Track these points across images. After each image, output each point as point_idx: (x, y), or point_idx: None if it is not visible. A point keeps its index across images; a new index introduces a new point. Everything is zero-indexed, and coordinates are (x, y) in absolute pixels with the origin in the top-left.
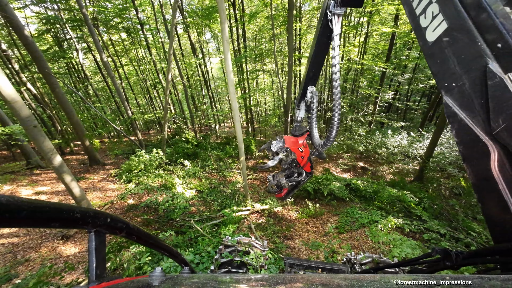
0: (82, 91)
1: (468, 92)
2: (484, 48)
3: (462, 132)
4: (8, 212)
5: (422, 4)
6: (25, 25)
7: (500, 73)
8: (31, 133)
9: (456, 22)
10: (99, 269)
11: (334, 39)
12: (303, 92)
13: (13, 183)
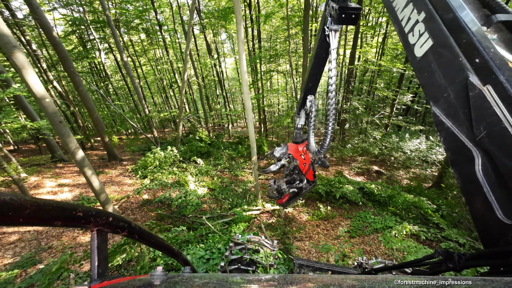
0: (103, 89)
1: (453, 102)
2: (465, 63)
3: (449, 139)
4: (12, 211)
5: (410, 23)
6: (54, 27)
7: (480, 85)
8: (57, 128)
9: (440, 40)
10: (101, 268)
11: (331, 53)
12: (303, 101)
13: (39, 175)
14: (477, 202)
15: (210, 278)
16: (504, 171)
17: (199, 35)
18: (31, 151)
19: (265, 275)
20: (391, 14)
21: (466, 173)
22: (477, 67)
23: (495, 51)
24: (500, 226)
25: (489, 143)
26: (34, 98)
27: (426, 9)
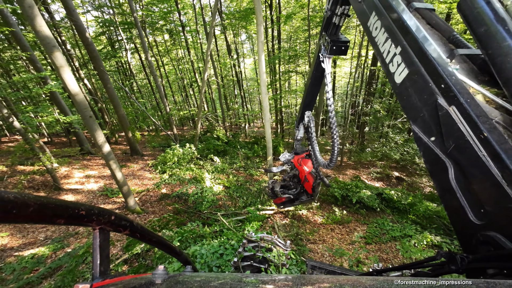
0: (128, 87)
1: (427, 121)
2: (434, 88)
3: (427, 153)
4: (16, 208)
5: (390, 56)
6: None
7: (446, 106)
8: (87, 122)
9: (414, 69)
10: (103, 266)
11: (326, 77)
12: (301, 116)
13: (69, 165)
14: (453, 207)
15: (211, 277)
16: (470, 177)
17: (220, 35)
18: (62, 143)
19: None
20: (375, 48)
21: (442, 182)
22: (443, 91)
23: (456, 78)
24: (472, 227)
25: (457, 154)
26: (69, 94)
27: (401, 44)
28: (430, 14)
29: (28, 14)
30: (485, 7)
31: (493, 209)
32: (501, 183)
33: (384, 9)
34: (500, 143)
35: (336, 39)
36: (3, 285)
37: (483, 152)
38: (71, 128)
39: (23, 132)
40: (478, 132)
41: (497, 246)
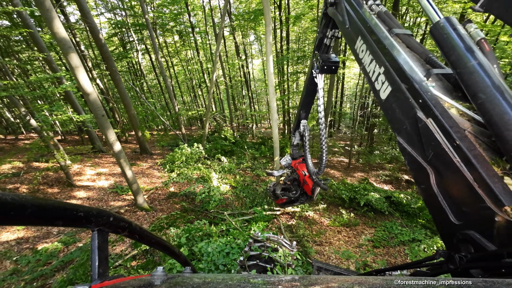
0: (139, 87)
1: (410, 132)
2: (413, 103)
3: (411, 161)
4: (13, 210)
5: (375, 75)
6: (100, 30)
7: (424, 118)
8: (100, 121)
9: (396, 87)
10: (101, 268)
11: (318, 91)
12: (297, 124)
13: (81, 163)
14: (436, 210)
15: (210, 278)
16: (448, 181)
17: (229, 36)
18: (75, 141)
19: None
20: (362, 68)
21: (426, 187)
22: (421, 105)
23: (432, 94)
24: (453, 227)
25: (436, 162)
26: (83, 93)
27: (384, 65)
28: (409, 39)
29: (47, 17)
30: (452, 33)
31: (468, 210)
32: (473, 185)
33: (368, 34)
34: (470, 150)
35: (326, 60)
36: (19, 276)
37: (457, 158)
38: (84, 126)
39: (39, 130)
40: (451, 140)
41: (475, 244)
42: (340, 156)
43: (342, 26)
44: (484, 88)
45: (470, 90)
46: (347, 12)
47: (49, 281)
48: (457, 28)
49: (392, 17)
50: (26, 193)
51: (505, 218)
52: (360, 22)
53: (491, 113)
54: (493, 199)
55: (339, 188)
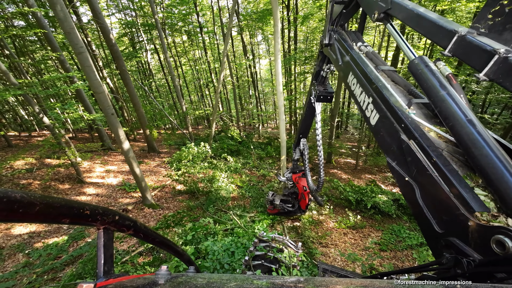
0: (147, 87)
1: (396, 153)
2: (397, 127)
3: (399, 178)
4: (22, 208)
5: (365, 104)
6: (111, 30)
7: (407, 140)
8: (109, 119)
9: (382, 114)
10: (106, 266)
11: (316, 116)
12: (297, 141)
13: (91, 160)
14: (423, 221)
15: (214, 278)
16: (430, 194)
17: (236, 36)
18: (85, 139)
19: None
20: (354, 98)
21: (413, 201)
22: (403, 129)
23: (412, 119)
24: (437, 235)
25: (419, 177)
26: (94, 92)
27: (372, 96)
28: (393, 74)
29: (60, 17)
30: (425, 68)
31: (448, 218)
32: (449, 196)
33: (358, 70)
34: (446, 165)
35: (322, 91)
36: (31, 269)
37: (435, 173)
38: (94, 125)
39: (51, 128)
40: (429, 158)
41: (455, 248)
42: (347, 158)
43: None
44: (453, 114)
45: (442, 115)
46: (340, 52)
47: (59, 274)
48: (429, 65)
49: (378, 56)
50: (38, 189)
51: (476, 222)
52: (351, 60)
53: (460, 134)
54: (466, 207)
55: (345, 189)
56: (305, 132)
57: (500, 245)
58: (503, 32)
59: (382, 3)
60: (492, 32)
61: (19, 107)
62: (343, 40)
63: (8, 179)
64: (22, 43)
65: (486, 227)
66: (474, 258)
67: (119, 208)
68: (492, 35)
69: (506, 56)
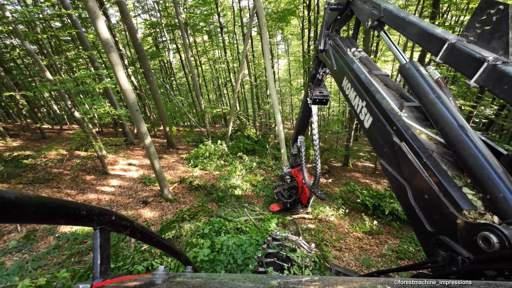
0: (169, 85)
1: (389, 155)
2: (390, 130)
3: (392, 180)
4: (17, 208)
5: (359, 108)
6: (137, 30)
7: (399, 142)
8: (134, 115)
9: (375, 117)
10: (103, 266)
11: (313, 116)
12: (295, 138)
13: (115, 154)
14: (415, 220)
15: (211, 278)
16: (421, 194)
17: (256, 36)
18: (110, 134)
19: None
20: (348, 102)
21: (405, 202)
22: (395, 131)
23: (403, 122)
24: (428, 234)
25: (411, 178)
26: (120, 89)
27: (365, 99)
28: (386, 78)
29: (93, 18)
30: (415, 73)
31: (438, 217)
32: (438, 195)
33: (352, 75)
34: (435, 166)
35: (318, 94)
36: (60, 251)
37: (426, 174)
38: (119, 120)
39: (81, 122)
40: (420, 159)
41: (445, 246)
42: (366, 161)
43: (331, 68)
44: (442, 116)
45: (432, 117)
46: (335, 57)
47: (84, 258)
48: (420, 69)
49: (372, 61)
50: (68, 179)
51: (463, 220)
52: (345, 65)
53: (449, 136)
54: (454, 205)
55: (362, 193)
56: (302, 131)
57: (486, 242)
58: (491, 40)
59: (375, 11)
60: (480, 40)
61: (52, 102)
62: (337, 46)
63: (42, 167)
64: (58, 43)
65: (473, 224)
66: (468, 256)
67: (140, 199)
68: (481, 43)
69: (495, 63)
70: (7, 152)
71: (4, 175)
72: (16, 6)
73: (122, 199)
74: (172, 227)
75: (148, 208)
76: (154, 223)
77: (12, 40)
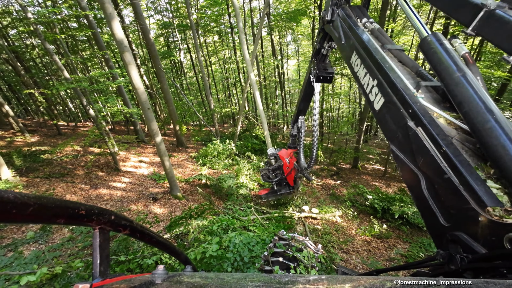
0: (179, 84)
1: (402, 141)
2: (404, 113)
3: (403, 168)
4: (16, 208)
5: (369, 87)
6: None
7: (414, 127)
8: (145, 113)
9: (388, 98)
10: (102, 266)
11: (315, 95)
12: (296, 119)
13: (126, 151)
14: (427, 213)
15: (210, 277)
16: (437, 186)
17: (266, 37)
18: (121, 131)
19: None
20: (357, 81)
21: (417, 193)
22: (411, 115)
23: (421, 104)
24: (442, 228)
25: (426, 167)
26: (133, 88)
27: (377, 78)
28: (400, 53)
29: (109, 19)
30: (439, 47)
31: (456, 212)
32: (459, 188)
33: (362, 49)
34: (456, 155)
35: (322, 70)
36: (74, 244)
37: (444, 164)
38: (131, 118)
39: (95, 119)
40: (438, 147)
41: (462, 244)
42: (375, 164)
43: (338, 41)
44: (468, 98)
45: (455, 100)
46: (343, 29)
47: None
48: (444, 43)
49: (385, 34)
50: (82, 174)
51: (487, 218)
52: (354, 38)
53: (475, 122)
54: (477, 201)
55: (371, 196)
56: (303, 111)
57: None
58: None
59: None
60: None
61: (67, 100)
62: (347, 16)
63: (58, 163)
64: (74, 43)
65: (500, 224)
66: (467, 254)
67: (150, 196)
68: None
69: None
70: (26, 147)
71: (23, 169)
72: (36, 8)
73: (133, 195)
74: (180, 224)
75: (157, 205)
76: (163, 219)
77: (32, 40)
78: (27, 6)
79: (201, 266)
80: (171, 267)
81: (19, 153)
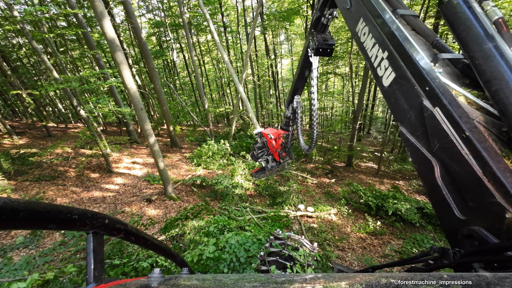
0: (172, 84)
1: (414, 122)
2: (419, 91)
3: (414, 153)
4: (5, 214)
5: (377, 60)
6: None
7: (431, 108)
8: (138, 114)
9: (400, 73)
10: (97, 271)
11: (312, 71)
12: (291, 99)
13: (119, 152)
14: (440, 204)
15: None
16: (454, 175)
17: (259, 36)
18: (114, 132)
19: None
20: (363, 53)
21: (429, 180)
22: (428, 93)
23: (440, 81)
24: (458, 222)
25: (442, 153)
26: (125, 88)
27: (388, 49)
28: (415, 20)
29: (99, 18)
30: (467, 11)
31: (476, 205)
32: (482, 179)
33: (371, 16)
34: (480, 142)
35: (322, 42)
36: (66, 248)
37: (466, 151)
38: (123, 119)
39: (87, 120)
40: (460, 131)
41: (481, 240)
42: (369, 162)
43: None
44: (499, 74)
45: (483, 76)
46: None
47: None
48: (472, 6)
49: None
50: (73, 176)
51: None
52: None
53: (505, 102)
54: (504, 195)
55: (366, 194)
56: (299, 90)
57: None
58: None
59: None
60: None
61: (57, 100)
62: None
63: (48, 165)
64: (63, 42)
65: None
66: (459, 249)
67: (144, 197)
68: None
69: None
70: (14, 150)
71: (11, 172)
72: (23, 6)
73: (126, 197)
74: (175, 225)
75: (152, 206)
76: (158, 221)
77: (19, 39)
78: (12, 4)
79: (197, 268)
80: (167, 270)
81: (6, 156)
